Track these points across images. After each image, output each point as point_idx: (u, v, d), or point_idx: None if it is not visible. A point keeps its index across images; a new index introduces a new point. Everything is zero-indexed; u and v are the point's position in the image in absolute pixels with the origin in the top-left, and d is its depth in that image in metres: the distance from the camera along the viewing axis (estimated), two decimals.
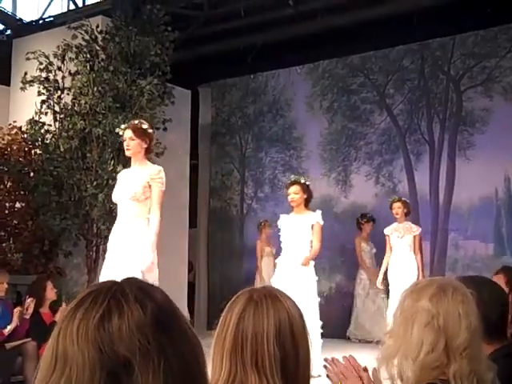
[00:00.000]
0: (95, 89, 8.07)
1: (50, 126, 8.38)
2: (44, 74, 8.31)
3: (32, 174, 8.49)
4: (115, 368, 0.86)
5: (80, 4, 11.25)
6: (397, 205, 8.22)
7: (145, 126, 5.63)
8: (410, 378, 1.70)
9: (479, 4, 8.57)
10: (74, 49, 8.22)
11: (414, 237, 8.10)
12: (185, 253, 10.31)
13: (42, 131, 8.36)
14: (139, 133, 5.54)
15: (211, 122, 12.12)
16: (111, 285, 0.94)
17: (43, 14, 11.42)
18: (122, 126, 5.90)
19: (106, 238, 8.07)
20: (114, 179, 7.81)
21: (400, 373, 1.72)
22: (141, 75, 8.34)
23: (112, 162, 7.90)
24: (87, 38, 8.28)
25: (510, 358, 2.23)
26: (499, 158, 9.05)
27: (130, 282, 0.96)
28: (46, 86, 8.31)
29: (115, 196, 5.73)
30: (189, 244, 10.60)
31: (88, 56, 8.28)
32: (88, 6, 10.97)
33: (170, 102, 8.74)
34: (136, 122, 5.77)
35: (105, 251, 8.15)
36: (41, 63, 8.28)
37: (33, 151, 8.58)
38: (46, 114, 8.38)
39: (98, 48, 8.33)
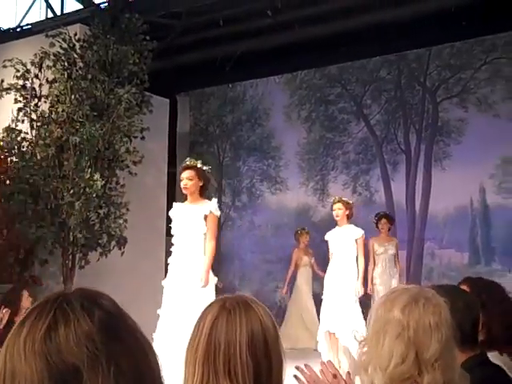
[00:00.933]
0: (73, 97, 8.04)
1: (27, 133, 8.32)
2: (21, 82, 8.26)
3: (8, 182, 8.41)
4: (64, 377, 0.87)
5: (58, 12, 11.20)
6: (337, 206, 7.30)
7: None
8: None
9: (455, 16, 8.68)
10: (52, 57, 8.18)
11: (356, 240, 7.20)
12: (162, 261, 10.27)
13: (19, 139, 8.29)
14: None
15: (189, 131, 12.13)
16: (57, 296, 0.95)
17: (21, 21, 11.36)
18: None
19: (83, 246, 8.06)
20: (92, 187, 7.81)
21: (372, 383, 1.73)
22: (119, 84, 8.33)
23: (89, 170, 7.86)
24: (65, 46, 8.24)
25: (485, 366, 2.26)
26: (474, 168, 9.16)
27: (77, 291, 0.97)
28: (23, 93, 8.26)
29: None
30: (166, 252, 10.56)
31: (66, 64, 8.24)
32: (66, 14, 10.92)
33: (148, 111, 8.74)
34: None
35: (81, 259, 8.14)
36: (18, 71, 8.23)
37: (9, 159, 8.50)
38: (23, 121, 8.32)
39: (75, 56, 8.30)
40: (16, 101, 8.27)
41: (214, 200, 5.89)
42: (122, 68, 8.37)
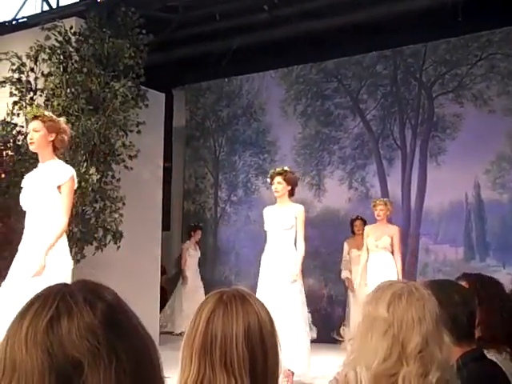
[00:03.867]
0: (68, 90, 8.01)
1: (22, 127, 8.30)
2: (16, 75, 8.23)
3: (3, 176, 8.39)
4: (65, 370, 0.87)
5: (54, 5, 11.17)
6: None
7: None
8: None
9: (451, 12, 8.69)
10: (47, 50, 8.15)
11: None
12: (157, 255, 10.28)
13: (14, 132, 8.28)
14: None
15: (185, 125, 12.13)
16: (60, 287, 0.95)
17: (16, 14, 11.32)
18: None
19: (79, 240, 8.04)
20: (87, 181, 7.80)
21: (360, 381, 1.74)
22: (114, 77, 8.30)
23: (85, 164, 7.85)
24: (60, 39, 8.21)
25: (480, 361, 2.27)
26: (469, 163, 9.19)
27: (80, 283, 0.97)
28: (19, 87, 8.23)
29: None
30: (162, 247, 10.57)
31: (61, 57, 8.21)
32: (62, 7, 10.89)
33: (144, 105, 8.72)
34: None
35: (77, 254, 8.13)
36: (13, 64, 8.19)
37: (4, 152, 8.48)
38: (18, 115, 8.30)
39: (71, 49, 8.28)
40: (11, 94, 8.24)
41: None
42: (118, 62, 8.34)
